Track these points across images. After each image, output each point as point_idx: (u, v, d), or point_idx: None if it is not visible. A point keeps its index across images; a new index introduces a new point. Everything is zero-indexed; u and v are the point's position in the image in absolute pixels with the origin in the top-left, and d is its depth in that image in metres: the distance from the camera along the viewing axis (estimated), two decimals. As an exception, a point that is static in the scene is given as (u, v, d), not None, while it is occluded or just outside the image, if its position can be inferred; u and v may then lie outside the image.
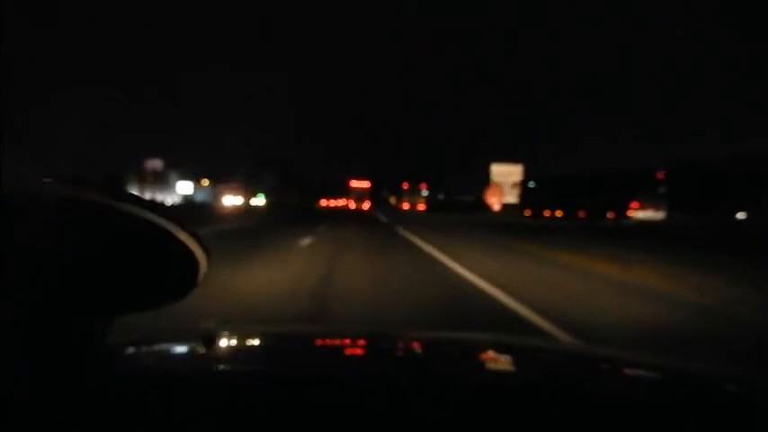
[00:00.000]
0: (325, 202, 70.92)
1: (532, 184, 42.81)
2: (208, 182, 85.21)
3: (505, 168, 63.22)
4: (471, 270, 8.00)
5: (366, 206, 59.96)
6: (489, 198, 60.02)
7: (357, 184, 66.44)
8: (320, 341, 1.32)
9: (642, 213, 34.76)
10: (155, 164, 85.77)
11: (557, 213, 36.22)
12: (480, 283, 6.93)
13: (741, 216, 31.93)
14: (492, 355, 1.24)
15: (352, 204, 61.55)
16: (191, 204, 67.09)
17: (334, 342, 1.30)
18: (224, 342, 1.20)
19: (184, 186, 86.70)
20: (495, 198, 58.96)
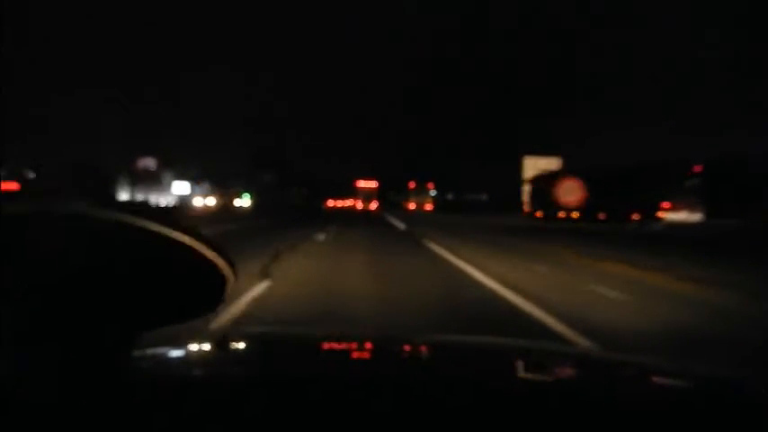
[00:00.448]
0: (332, 203, 68.95)
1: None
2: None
3: (542, 162, 48.08)
4: (506, 284, 6.64)
5: (373, 206, 59.00)
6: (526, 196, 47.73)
7: (364, 184, 65.07)
8: (330, 345, 1.28)
9: (675, 215, 29.92)
10: (147, 163, 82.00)
11: (573, 215, 31.95)
12: (520, 302, 5.56)
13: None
14: (504, 359, 1.21)
15: (360, 205, 60.24)
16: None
17: (344, 345, 1.26)
18: (236, 345, 1.22)
19: (180, 186, 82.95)
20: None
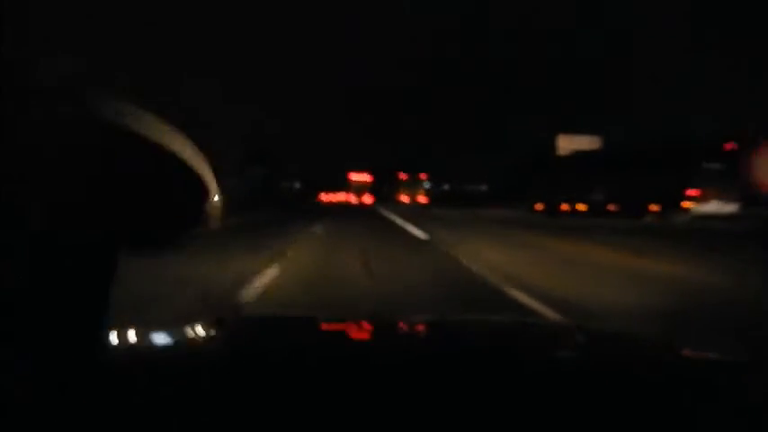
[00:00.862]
0: (325, 197, 66.04)
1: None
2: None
3: (578, 140, 38.53)
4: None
5: (368, 200, 57.24)
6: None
7: (357, 177, 63.13)
8: (327, 327, 1.27)
9: (704, 205, 24.47)
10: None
11: (578, 207, 25.72)
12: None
13: None
14: (501, 335, 1.22)
15: (353, 198, 58.55)
16: None
17: (345, 328, 1.25)
18: (235, 328, 1.21)
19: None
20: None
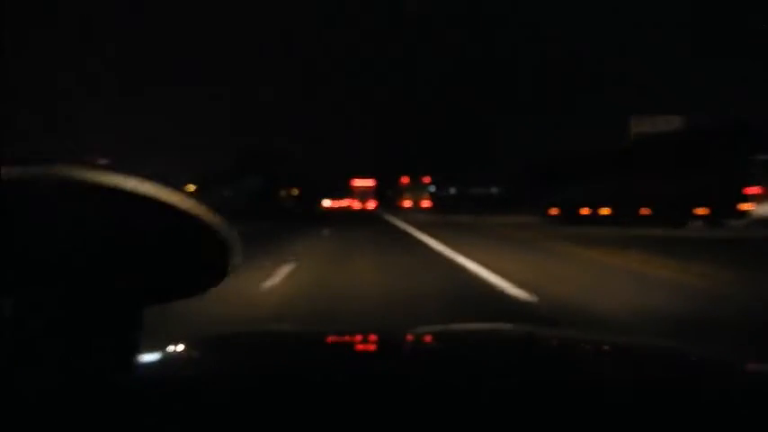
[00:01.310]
0: (328, 204, 64.30)
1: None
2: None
3: (656, 121, 29.65)
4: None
5: (371, 206, 57.06)
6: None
7: (360, 182, 62.46)
8: (329, 341, 1.27)
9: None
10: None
11: (602, 211, 20.31)
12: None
13: None
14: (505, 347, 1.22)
15: (357, 204, 58.01)
16: None
17: (348, 342, 1.25)
18: (236, 345, 1.21)
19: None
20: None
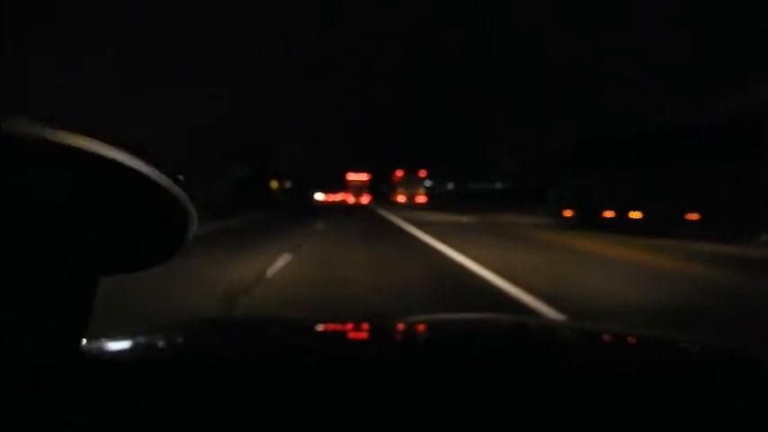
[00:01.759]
0: (321, 197, 65.50)
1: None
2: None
3: None
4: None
5: (365, 200, 56.87)
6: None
7: (355, 176, 62.39)
8: (322, 328, 1.26)
9: None
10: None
11: (632, 214, 15.22)
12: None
13: None
14: (497, 336, 1.21)
15: (351, 199, 58.19)
16: None
17: (340, 329, 1.25)
18: (228, 330, 1.21)
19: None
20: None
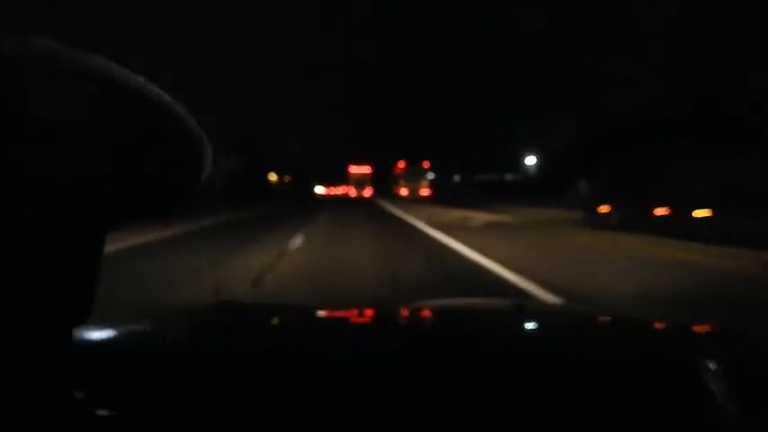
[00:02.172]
0: (322, 191, 64.74)
1: None
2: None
3: None
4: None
5: (367, 193, 56.03)
6: None
7: (357, 169, 61.11)
8: (330, 316, 1.24)
9: None
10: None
11: (698, 213, 8.95)
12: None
13: None
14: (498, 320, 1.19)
15: (353, 192, 57.22)
16: None
17: (345, 316, 1.23)
18: (233, 316, 1.19)
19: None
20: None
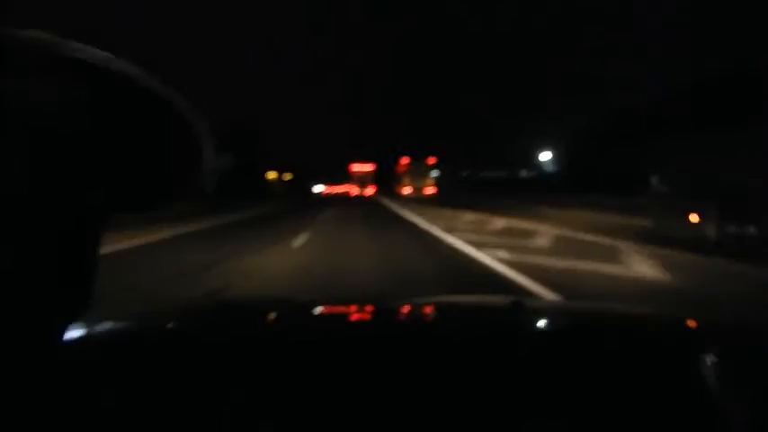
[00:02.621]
0: (323, 190, 63.93)
1: None
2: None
3: None
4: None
5: (369, 192, 55.39)
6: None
7: (359, 167, 60.50)
8: (329, 311, 1.25)
9: None
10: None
11: None
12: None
13: None
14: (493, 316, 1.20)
15: (355, 190, 56.56)
16: None
17: (343, 312, 1.24)
18: (233, 311, 1.20)
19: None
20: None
